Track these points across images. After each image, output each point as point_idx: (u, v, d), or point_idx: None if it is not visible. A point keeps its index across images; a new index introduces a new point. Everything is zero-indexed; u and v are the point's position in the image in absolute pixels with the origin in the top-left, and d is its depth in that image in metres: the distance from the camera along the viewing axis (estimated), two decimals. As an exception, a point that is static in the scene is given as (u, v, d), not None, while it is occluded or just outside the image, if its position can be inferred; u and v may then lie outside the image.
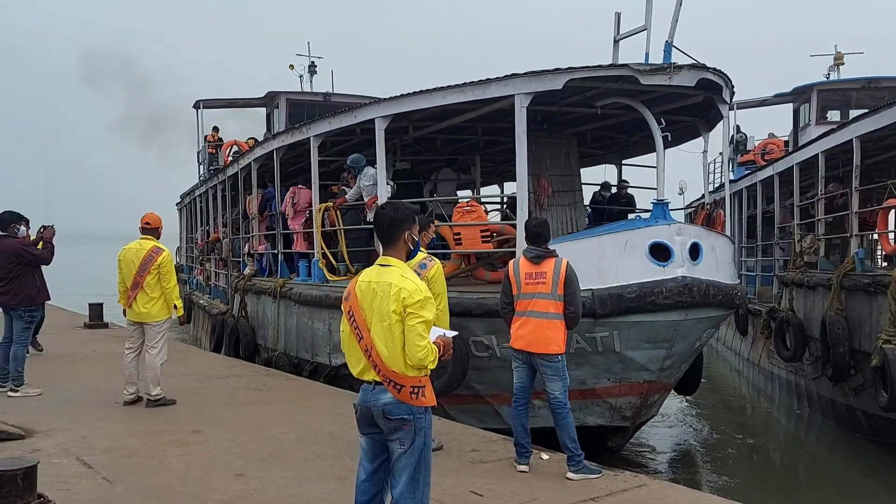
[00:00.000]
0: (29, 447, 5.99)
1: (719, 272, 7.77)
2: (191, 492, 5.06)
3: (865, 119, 9.81)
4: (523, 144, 7.97)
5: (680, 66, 7.79)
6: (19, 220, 8.43)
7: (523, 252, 5.86)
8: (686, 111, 9.41)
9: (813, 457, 10.58)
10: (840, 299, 9.64)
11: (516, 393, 5.85)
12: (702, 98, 8.70)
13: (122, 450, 6.02)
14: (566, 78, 7.74)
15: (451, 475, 5.51)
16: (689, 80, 7.87)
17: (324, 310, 9.70)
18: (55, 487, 4.98)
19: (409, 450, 3.51)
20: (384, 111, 9.01)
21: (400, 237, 3.72)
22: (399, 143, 11.03)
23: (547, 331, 5.57)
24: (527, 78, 7.86)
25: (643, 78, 7.72)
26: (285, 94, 16.26)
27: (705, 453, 10.16)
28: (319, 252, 10.17)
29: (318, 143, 10.38)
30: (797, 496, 8.64)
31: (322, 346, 9.84)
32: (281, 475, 5.46)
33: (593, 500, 5.06)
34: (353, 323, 3.59)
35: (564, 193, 10.41)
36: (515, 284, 5.75)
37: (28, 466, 4.00)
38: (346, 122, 9.71)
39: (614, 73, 7.88)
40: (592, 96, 8.62)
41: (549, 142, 10.35)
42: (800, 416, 12.18)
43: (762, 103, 19.08)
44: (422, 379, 3.55)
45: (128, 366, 7.66)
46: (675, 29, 7.87)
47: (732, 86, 8.78)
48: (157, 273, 7.48)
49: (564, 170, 10.47)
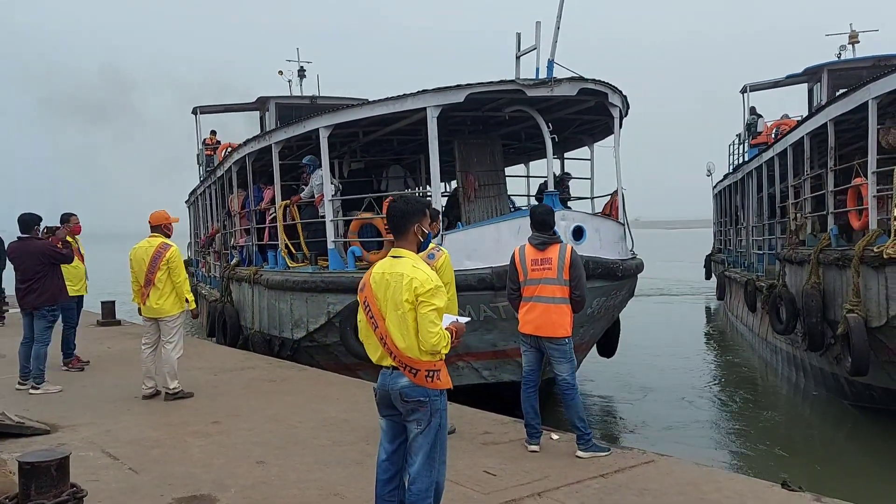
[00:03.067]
0: (55, 441, 6.17)
1: (603, 250, 9.22)
2: (214, 479, 5.24)
3: (836, 104, 10.50)
4: (435, 148, 9.48)
5: (560, 79, 9.24)
6: (40, 221, 8.70)
7: (529, 239, 6.03)
8: (600, 111, 10.54)
9: (808, 425, 10.92)
10: (818, 273, 10.34)
11: (526, 376, 6.02)
12: (593, 102, 10.07)
13: (145, 441, 6.21)
14: (466, 92, 9.20)
15: (465, 456, 5.68)
16: (570, 91, 9.35)
17: (286, 292, 11.13)
18: (84, 479, 5.14)
19: (426, 430, 3.68)
20: (326, 122, 10.50)
21: (410, 229, 3.86)
22: (359, 144, 12.65)
23: (554, 315, 5.74)
24: (435, 93, 9.34)
25: (529, 91, 9.17)
26: (274, 98, 17.49)
27: (712, 428, 10.42)
28: (282, 243, 11.69)
29: (279, 148, 11.80)
30: (788, 466, 8.83)
31: (286, 323, 11.20)
32: (301, 461, 5.65)
33: (603, 477, 5.23)
34: (369, 312, 3.75)
35: (490, 186, 11.81)
36: (522, 271, 5.91)
37: (61, 458, 4.17)
38: (298, 131, 11.23)
39: (505, 88, 9.27)
40: (504, 103, 9.87)
41: (475, 142, 11.81)
42: (797, 386, 12.59)
43: (775, 84, 19.10)
44: (436, 363, 3.71)
45: (145, 361, 7.86)
46: (556, 50, 9.22)
47: (619, 90, 10.11)
48: (167, 268, 7.66)
49: (490, 166, 11.88)
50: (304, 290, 10.72)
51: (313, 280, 10.59)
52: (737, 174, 19.71)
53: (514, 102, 9.66)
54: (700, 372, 14.34)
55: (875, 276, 8.88)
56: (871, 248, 8.89)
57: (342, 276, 10.09)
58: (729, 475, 5.36)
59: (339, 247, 10.69)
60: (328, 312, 10.19)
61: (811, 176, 11.99)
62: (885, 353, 9.22)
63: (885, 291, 8.74)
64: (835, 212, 10.75)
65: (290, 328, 11.07)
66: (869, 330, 8.99)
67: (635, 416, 10.85)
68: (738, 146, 20.54)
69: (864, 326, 8.96)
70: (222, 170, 15.34)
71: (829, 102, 10.94)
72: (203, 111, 19.99)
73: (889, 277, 8.66)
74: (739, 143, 20.41)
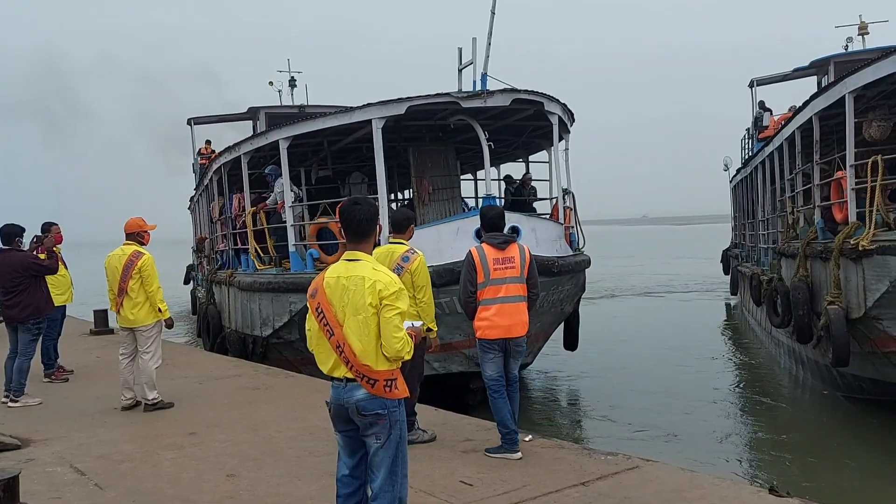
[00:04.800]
0: (24, 457, 6.03)
1: (539, 248, 9.44)
2: (180, 494, 5.07)
3: (818, 98, 10.66)
4: (381, 156, 10.19)
5: (492, 91, 9.91)
6: (22, 232, 8.54)
7: (486, 240, 5.89)
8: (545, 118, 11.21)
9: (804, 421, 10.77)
10: (806, 266, 10.51)
11: (494, 383, 5.81)
12: (532, 111, 10.90)
13: (115, 455, 6.05)
14: (407, 105, 9.90)
15: (442, 465, 5.50)
16: (504, 101, 10.03)
17: (255, 293, 11.99)
18: (46, 496, 5.03)
19: (386, 443, 3.50)
20: (284, 134, 11.30)
21: (373, 232, 3.73)
22: (328, 152, 13.48)
23: (524, 315, 5.76)
24: (379, 106, 10.07)
25: (463, 102, 9.86)
26: (264, 108, 18.21)
27: (708, 426, 10.11)
28: (252, 247, 12.61)
29: (248, 158, 12.67)
30: (780, 464, 8.63)
31: (257, 322, 11.97)
32: (272, 474, 5.47)
33: (583, 485, 5.03)
34: (323, 320, 3.56)
35: (444, 190, 12.58)
36: (483, 271, 5.71)
37: (8, 478, 4.03)
38: (261, 142, 12.22)
39: (442, 100, 9.94)
40: (449, 113, 10.54)
41: (429, 149, 12.55)
42: (797, 379, 12.52)
43: (784, 78, 18.97)
44: (394, 371, 3.54)
45: (123, 371, 7.70)
46: (488, 65, 9.89)
47: (556, 99, 10.87)
48: (140, 277, 7.48)
49: (444, 171, 12.63)
50: (269, 290, 11.52)
51: (277, 281, 11.35)
52: (746, 169, 19.86)
53: (456, 113, 10.33)
54: (704, 369, 14.12)
55: (854, 268, 9.00)
56: (850, 240, 9.04)
57: (302, 276, 10.74)
58: (714, 481, 5.13)
59: (299, 250, 11.40)
60: (290, 311, 10.93)
61: (801, 170, 12.02)
62: (868, 344, 9.30)
63: (863, 283, 8.88)
64: (821, 205, 10.80)
65: (260, 326, 11.87)
66: (850, 321, 9.14)
67: (630, 415, 10.63)
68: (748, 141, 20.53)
69: (844, 318, 9.13)
70: (207, 179, 16.34)
71: (812, 97, 11.00)
72: (197, 122, 20.57)
73: (866, 269, 8.77)
74: (748, 137, 20.40)
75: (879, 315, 8.84)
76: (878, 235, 8.71)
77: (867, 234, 8.72)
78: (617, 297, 27.95)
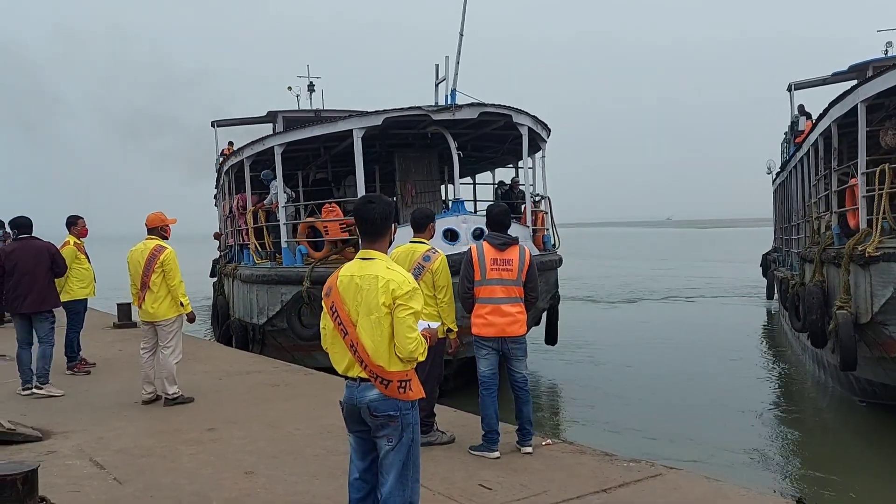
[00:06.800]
0: (45, 449, 6.05)
1: None
2: (198, 491, 5.05)
3: (836, 106, 10.76)
4: (360, 163, 11.45)
5: (460, 105, 10.95)
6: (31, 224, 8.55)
7: (487, 238, 5.94)
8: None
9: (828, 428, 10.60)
10: (822, 271, 10.68)
11: (487, 380, 5.85)
12: (503, 122, 12.03)
13: (135, 450, 6.04)
14: (383, 117, 11.04)
15: (461, 467, 5.43)
16: (472, 114, 11.13)
17: (253, 285, 13.14)
18: (66, 490, 5.03)
19: (397, 446, 3.43)
20: (279, 141, 12.66)
21: (389, 231, 3.66)
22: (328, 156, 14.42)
23: (521, 315, 5.79)
24: (358, 118, 11.42)
25: (434, 115, 10.95)
26: (282, 112, 18.80)
27: (733, 432, 9.91)
28: (252, 243, 13.91)
29: (251, 162, 13.86)
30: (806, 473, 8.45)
31: (254, 311, 13.17)
32: (290, 472, 5.43)
33: (605, 492, 4.93)
34: (337, 319, 3.50)
35: (426, 194, 13.78)
36: (479, 270, 5.77)
37: (28, 471, 4.00)
38: (259, 148, 13.29)
39: (414, 114, 11.02)
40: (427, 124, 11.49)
41: (414, 156, 13.82)
42: (818, 383, 12.45)
43: (823, 82, 18.74)
44: (408, 372, 3.47)
45: (144, 365, 7.72)
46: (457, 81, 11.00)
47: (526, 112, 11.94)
48: (162, 271, 7.48)
49: (426, 176, 13.90)
50: (264, 282, 12.68)
51: (270, 274, 12.56)
52: (783, 173, 19.99)
53: (431, 124, 11.41)
54: (733, 374, 13.90)
55: (862, 274, 9.18)
56: (858, 246, 9.25)
57: (291, 270, 12.09)
58: (741, 490, 5.01)
59: (291, 246, 12.59)
60: (282, 301, 12.03)
61: (823, 176, 12.05)
62: (877, 349, 9.37)
63: (870, 289, 9.07)
64: (837, 211, 10.90)
65: (257, 315, 13.07)
66: (858, 326, 9.31)
67: (652, 421, 10.48)
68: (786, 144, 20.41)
69: (852, 323, 9.30)
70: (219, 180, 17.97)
71: (830, 104, 11.06)
72: (220, 124, 21.11)
73: (874, 275, 8.96)
74: (785, 141, 20.28)
75: (885, 321, 9.03)
76: (885, 242, 8.95)
77: (873, 241, 8.96)
78: (645, 301, 27.63)
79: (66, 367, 9.46)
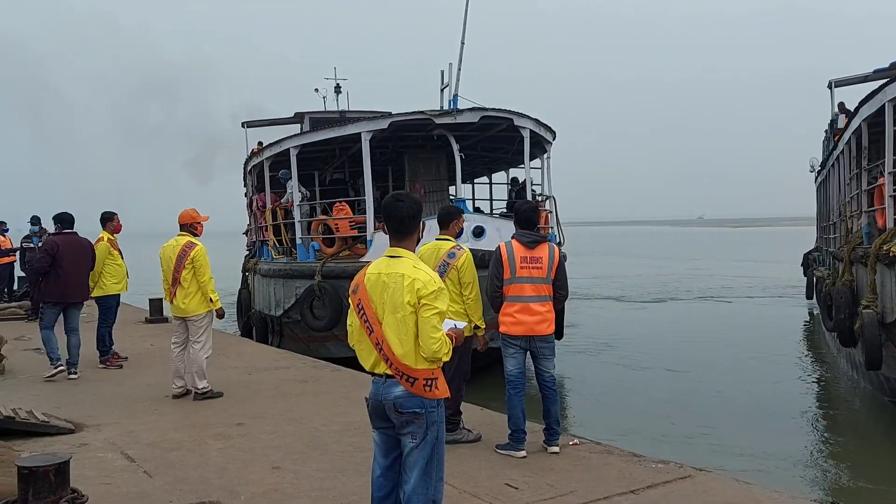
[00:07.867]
0: (77, 441, 6.15)
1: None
2: (226, 485, 5.09)
3: (865, 105, 10.68)
4: (368, 164, 12.15)
5: (462, 109, 11.52)
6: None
7: (516, 236, 5.88)
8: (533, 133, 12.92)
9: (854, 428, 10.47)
10: (851, 271, 10.68)
11: (515, 379, 5.81)
12: (505, 126, 12.53)
13: (165, 444, 6.12)
14: (389, 121, 11.80)
15: (487, 466, 5.41)
16: (473, 118, 11.64)
17: (271, 279, 13.98)
18: (97, 482, 5.10)
19: (421, 444, 3.41)
20: (294, 143, 13.39)
21: (416, 229, 3.65)
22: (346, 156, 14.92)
23: (549, 314, 5.74)
24: (367, 121, 12.24)
25: (437, 119, 11.53)
26: (308, 113, 19.29)
27: (764, 434, 9.75)
28: (271, 239, 14.84)
29: (270, 163, 14.54)
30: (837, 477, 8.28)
31: (272, 303, 13.93)
32: (317, 468, 5.46)
33: (633, 493, 4.88)
34: (363, 316, 3.50)
35: (435, 193, 14.33)
36: (509, 268, 5.72)
37: (60, 462, 4.06)
38: (276, 150, 13.98)
39: (417, 118, 11.70)
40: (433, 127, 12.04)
41: (424, 157, 14.40)
42: (853, 383, 12.25)
43: (864, 79, 18.42)
44: (434, 371, 3.45)
45: (175, 360, 7.82)
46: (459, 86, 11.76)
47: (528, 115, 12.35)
48: (192, 267, 7.58)
49: (435, 176, 14.48)
50: (280, 276, 13.42)
51: (286, 268, 13.33)
52: (823, 171, 19.77)
53: (435, 128, 11.97)
54: (768, 375, 13.68)
55: (889, 273, 9.08)
56: (885, 246, 9.13)
57: (304, 265, 12.80)
58: (772, 494, 4.91)
59: (305, 242, 13.37)
60: (296, 294, 12.62)
61: (855, 174, 11.94)
62: None
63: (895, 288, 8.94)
64: (867, 210, 10.81)
65: (274, 307, 13.79)
66: (884, 325, 9.21)
67: (687, 422, 10.36)
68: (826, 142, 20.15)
69: (878, 322, 9.24)
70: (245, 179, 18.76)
71: (861, 103, 10.98)
72: (250, 125, 21.51)
73: None
74: (826, 139, 20.03)
75: None
76: None
77: None
78: (679, 300, 27.29)
79: (99, 361, 9.63)
